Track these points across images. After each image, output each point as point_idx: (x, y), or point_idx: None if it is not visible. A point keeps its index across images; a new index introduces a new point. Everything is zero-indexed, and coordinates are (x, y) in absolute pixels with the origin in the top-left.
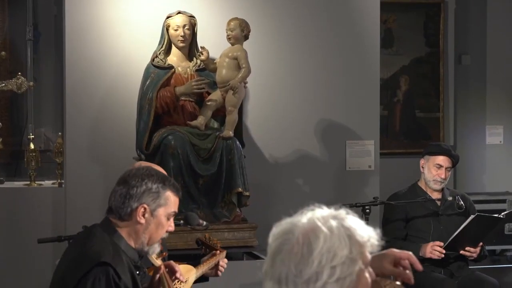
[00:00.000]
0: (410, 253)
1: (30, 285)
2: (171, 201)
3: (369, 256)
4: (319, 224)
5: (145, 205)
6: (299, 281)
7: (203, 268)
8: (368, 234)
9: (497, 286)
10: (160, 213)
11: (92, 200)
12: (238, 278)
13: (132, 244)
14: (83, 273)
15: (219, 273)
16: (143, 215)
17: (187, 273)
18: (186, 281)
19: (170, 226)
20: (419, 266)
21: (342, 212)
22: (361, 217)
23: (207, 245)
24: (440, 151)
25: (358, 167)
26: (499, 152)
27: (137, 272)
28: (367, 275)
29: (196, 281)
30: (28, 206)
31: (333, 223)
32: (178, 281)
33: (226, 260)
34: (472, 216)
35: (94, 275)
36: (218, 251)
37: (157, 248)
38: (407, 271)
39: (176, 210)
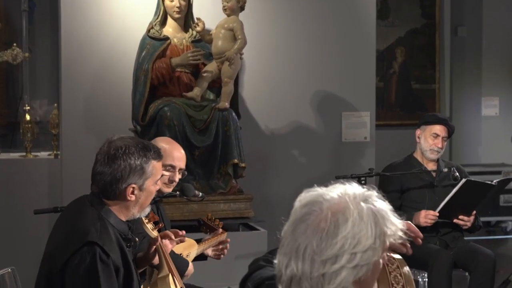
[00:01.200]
0: (409, 222)
1: (26, 256)
2: (156, 169)
3: (388, 245)
4: (350, 205)
5: (133, 185)
6: (317, 258)
7: (204, 246)
8: (395, 226)
9: (492, 257)
10: (148, 184)
11: (88, 171)
12: (234, 249)
13: (122, 217)
14: (71, 253)
15: (221, 256)
16: (133, 193)
17: (190, 247)
18: (188, 255)
19: (158, 185)
20: (419, 234)
21: (373, 194)
22: None
23: (208, 226)
24: (436, 120)
25: (353, 138)
26: (495, 124)
27: (127, 245)
28: (381, 261)
29: (195, 259)
30: (24, 178)
31: (364, 206)
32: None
33: (228, 240)
34: (462, 181)
35: (81, 255)
36: (220, 232)
37: (147, 210)
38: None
39: (161, 172)
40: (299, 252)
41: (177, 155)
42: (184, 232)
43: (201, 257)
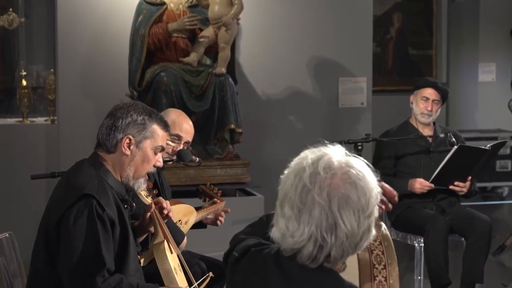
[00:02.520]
0: (383, 184)
1: (24, 222)
2: (157, 134)
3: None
4: (355, 180)
5: (130, 136)
6: (361, 214)
7: (202, 214)
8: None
9: (488, 222)
10: (146, 145)
11: (84, 137)
12: (231, 215)
13: (118, 178)
14: (67, 206)
15: (219, 222)
16: (128, 147)
17: (188, 214)
18: (186, 222)
19: (158, 161)
20: (394, 194)
21: (349, 158)
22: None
23: (207, 194)
24: (426, 83)
25: (350, 104)
26: (491, 90)
27: (124, 206)
28: None
29: (193, 227)
30: (21, 143)
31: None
32: (179, 221)
33: (228, 209)
34: (455, 147)
35: (78, 207)
36: (218, 200)
37: (142, 184)
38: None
39: (164, 145)
40: (335, 213)
41: (186, 127)
42: (168, 209)
43: (200, 225)
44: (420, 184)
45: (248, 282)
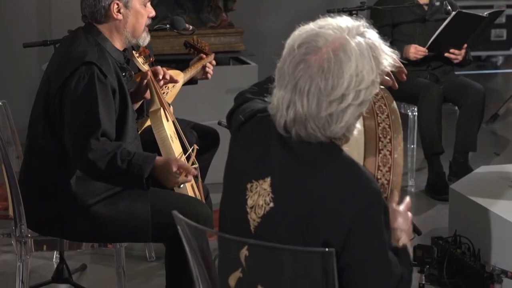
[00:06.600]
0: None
1: (17, 90)
2: None
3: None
4: (348, 41)
5: (116, 1)
6: (324, 99)
7: (191, 72)
8: (389, 57)
9: (482, 91)
10: (134, 2)
11: (77, 4)
12: (224, 83)
13: (117, 45)
14: (69, 73)
15: (209, 75)
16: (118, 11)
17: (175, 77)
18: (174, 85)
19: (150, 12)
20: (404, 70)
21: (363, 24)
22: None
23: (195, 48)
24: None
25: None
26: None
27: (123, 74)
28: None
29: (185, 84)
30: (13, 11)
31: (361, 40)
32: (166, 87)
33: (214, 61)
34: (453, 13)
35: (79, 74)
36: (205, 54)
37: (146, 37)
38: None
39: None
40: (303, 92)
41: None
42: (165, 75)
43: (190, 81)
44: (415, 49)
45: (250, 147)
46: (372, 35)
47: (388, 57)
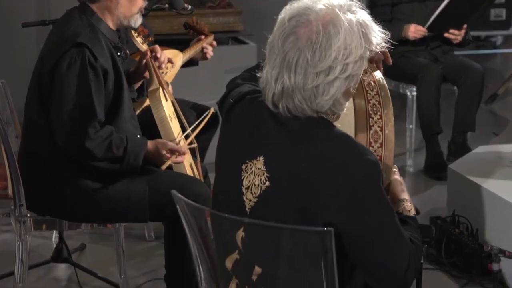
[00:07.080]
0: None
1: (15, 70)
2: None
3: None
4: (339, 16)
5: None
6: (311, 71)
7: (190, 53)
8: (379, 36)
9: (481, 71)
10: None
11: None
12: (223, 63)
13: (110, 24)
14: (60, 54)
15: (208, 56)
16: None
17: (174, 58)
18: (172, 65)
19: None
20: (389, 61)
21: (354, 4)
22: None
23: (195, 29)
24: None
25: None
26: None
27: (118, 54)
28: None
29: (185, 65)
30: None
31: (351, 16)
32: (165, 67)
33: (215, 43)
34: None
35: (70, 56)
36: (204, 35)
37: (138, 19)
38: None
39: None
40: (291, 64)
41: None
42: (163, 57)
43: (191, 63)
44: (415, 28)
45: (240, 128)
46: (363, 14)
47: (378, 36)
